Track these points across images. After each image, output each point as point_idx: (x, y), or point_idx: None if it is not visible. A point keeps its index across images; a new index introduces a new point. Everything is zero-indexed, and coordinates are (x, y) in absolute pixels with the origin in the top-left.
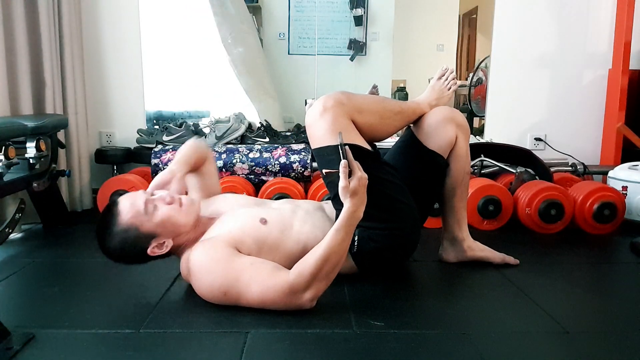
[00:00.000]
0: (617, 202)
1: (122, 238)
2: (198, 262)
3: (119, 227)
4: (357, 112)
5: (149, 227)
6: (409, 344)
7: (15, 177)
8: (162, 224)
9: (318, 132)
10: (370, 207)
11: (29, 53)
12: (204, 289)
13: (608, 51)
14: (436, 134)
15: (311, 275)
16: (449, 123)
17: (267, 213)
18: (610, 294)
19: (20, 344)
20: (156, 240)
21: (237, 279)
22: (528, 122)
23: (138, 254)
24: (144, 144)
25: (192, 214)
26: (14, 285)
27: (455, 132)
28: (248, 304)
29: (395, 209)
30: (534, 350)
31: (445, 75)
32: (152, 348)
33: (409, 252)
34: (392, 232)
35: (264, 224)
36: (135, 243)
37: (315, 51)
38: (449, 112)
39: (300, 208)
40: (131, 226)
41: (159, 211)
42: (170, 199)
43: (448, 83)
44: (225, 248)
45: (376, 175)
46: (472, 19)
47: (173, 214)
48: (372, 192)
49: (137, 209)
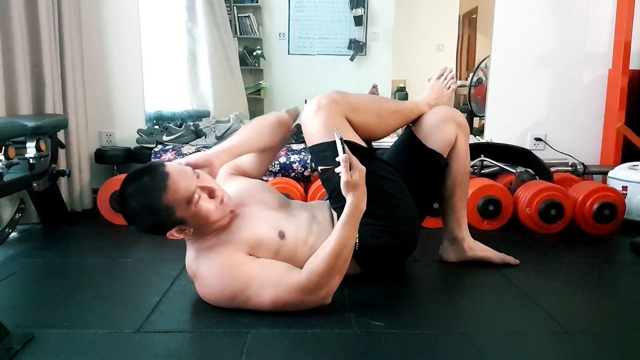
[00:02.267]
0: (617, 202)
1: (154, 211)
2: (207, 271)
3: (159, 201)
4: (352, 110)
5: (184, 214)
6: (409, 344)
7: (15, 177)
8: (197, 216)
9: (312, 130)
10: (367, 203)
11: (28, 53)
12: (212, 296)
13: (608, 51)
14: (436, 133)
15: (324, 272)
16: (448, 122)
17: (287, 226)
18: (610, 294)
19: (20, 344)
20: (183, 226)
21: (248, 285)
22: (528, 122)
23: (156, 228)
24: (144, 144)
25: (226, 212)
26: (14, 285)
27: (455, 132)
28: (258, 307)
29: (392, 204)
30: (534, 350)
31: (444, 75)
32: (152, 348)
33: (409, 250)
34: (391, 229)
35: (282, 238)
36: (163, 221)
37: (315, 51)
38: (449, 111)
39: (316, 221)
40: (169, 205)
41: (201, 204)
42: (215, 194)
43: (447, 82)
44: (237, 254)
45: (371, 172)
46: (472, 19)
47: (212, 210)
48: (367, 189)
49: (185, 194)
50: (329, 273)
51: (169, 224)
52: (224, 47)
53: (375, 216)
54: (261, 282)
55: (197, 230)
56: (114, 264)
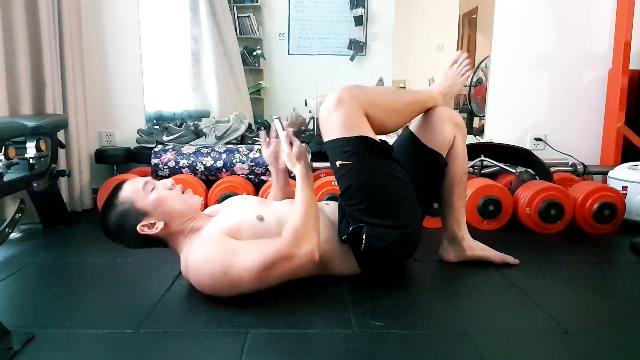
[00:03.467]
0: (617, 202)
1: (117, 211)
2: (195, 255)
3: (117, 200)
4: (371, 105)
5: (143, 205)
6: (409, 344)
7: (15, 177)
8: (155, 204)
9: (332, 124)
10: (380, 204)
11: (29, 53)
12: (205, 278)
13: (608, 51)
14: (435, 133)
15: (302, 227)
16: (447, 122)
17: (265, 211)
18: (610, 294)
19: (20, 344)
20: (147, 219)
21: (235, 253)
22: (528, 122)
23: (130, 230)
24: (144, 144)
25: (188, 205)
26: (14, 285)
27: (453, 132)
28: (250, 282)
29: (401, 206)
30: (534, 350)
31: (458, 61)
32: (152, 348)
33: (412, 251)
34: (399, 231)
35: (261, 220)
36: (128, 217)
37: (315, 51)
38: (447, 111)
39: None
40: (127, 200)
41: (155, 192)
42: (171, 185)
43: (462, 69)
44: (219, 236)
45: (389, 173)
46: (472, 19)
47: (168, 197)
48: (383, 190)
49: (136, 186)
50: (306, 226)
51: (134, 217)
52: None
53: (387, 217)
54: (247, 250)
55: (168, 225)
56: (114, 264)
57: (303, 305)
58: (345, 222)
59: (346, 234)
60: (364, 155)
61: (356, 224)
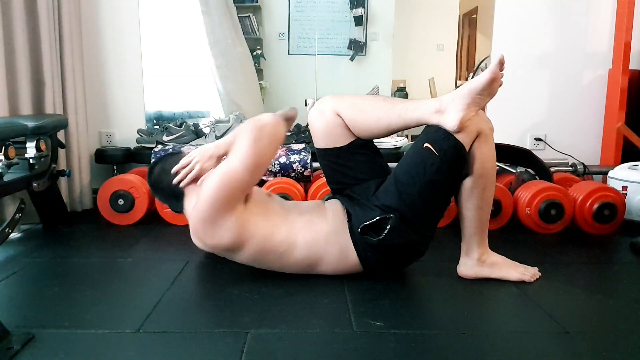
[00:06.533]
0: (617, 202)
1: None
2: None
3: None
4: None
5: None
6: (409, 344)
7: (15, 177)
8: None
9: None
10: (430, 207)
11: (28, 53)
12: (197, 213)
13: (608, 51)
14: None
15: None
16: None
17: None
18: (610, 294)
19: (20, 344)
20: None
21: (209, 176)
22: (528, 122)
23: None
24: (144, 144)
25: None
26: (14, 285)
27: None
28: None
29: (437, 219)
30: (534, 350)
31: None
32: (152, 348)
33: (416, 259)
34: (420, 238)
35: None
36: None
37: (315, 51)
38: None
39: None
40: None
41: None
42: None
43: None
44: None
45: (452, 187)
46: (472, 19)
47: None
48: (437, 195)
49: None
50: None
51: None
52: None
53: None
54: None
55: None
56: (114, 264)
57: (303, 305)
58: (362, 210)
59: (368, 220)
60: (450, 160)
61: (384, 214)
